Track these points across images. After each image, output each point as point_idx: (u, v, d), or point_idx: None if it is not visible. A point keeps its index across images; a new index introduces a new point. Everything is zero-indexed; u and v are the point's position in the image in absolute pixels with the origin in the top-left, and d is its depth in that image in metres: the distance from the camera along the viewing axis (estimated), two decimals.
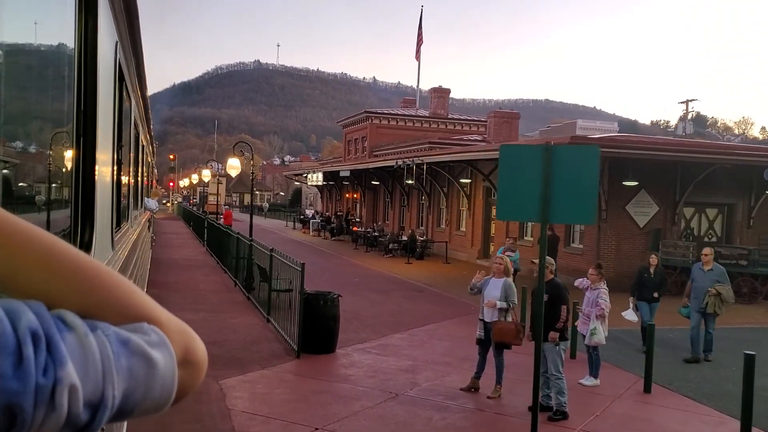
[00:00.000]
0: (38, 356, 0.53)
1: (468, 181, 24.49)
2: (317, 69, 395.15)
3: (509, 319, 7.94)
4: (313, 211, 52.25)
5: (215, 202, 47.31)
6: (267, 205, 76.50)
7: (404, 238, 28.14)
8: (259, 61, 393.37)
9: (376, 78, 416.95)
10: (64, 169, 2.41)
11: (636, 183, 18.19)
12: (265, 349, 10.08)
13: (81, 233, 2.44)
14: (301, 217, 48.16)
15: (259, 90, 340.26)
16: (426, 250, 27.31)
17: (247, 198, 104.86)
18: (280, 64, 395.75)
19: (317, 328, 9.90)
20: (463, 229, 27.86)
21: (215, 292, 15.93)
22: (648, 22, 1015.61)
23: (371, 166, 31.85)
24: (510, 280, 8.13)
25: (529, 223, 23.23)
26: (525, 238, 23.39)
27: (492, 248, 25.69)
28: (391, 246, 27.50)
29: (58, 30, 2.10)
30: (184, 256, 24.72)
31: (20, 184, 2.04)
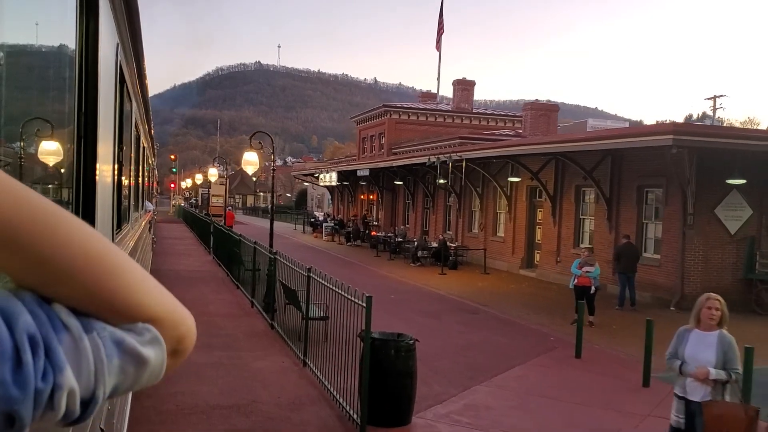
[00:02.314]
0: (36, 361, 0.53)
1: (516, 179, 21.31)
2: (318, 70, 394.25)
3: (728, 398, 4.89)
4: (323, 214, 49.19)
5: (220, 204, 44.42)
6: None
7: (434, 244, 25.09)
8: (260, 62, 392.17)
9: (377, 79, 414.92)
10: (64, 171, 2.39)
11: (744, 181, 15.09)
12: (312, 418, 7.02)
13: None
14: (312, 219, 44.93)
15: (260, 91, 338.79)
16: (459, 258, 24.25)
17: (249, 200, 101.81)
18: (281, 65, 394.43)
19: (386, 388, 6.85)
20: (501, 234, 24.78)
21: (229, 316, 12.87)
22: (647, 24, 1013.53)
23: (397, 163, 28.62)
24: (727, 333, 5.04)
25: (588, 227, 20.16)
26: (580, 246, 20.30)
27: (537, 257, 22.65)
28: (420, 254, 24.42)
29: (59, 31, 2.12)
30: (189, 266, 21.66)
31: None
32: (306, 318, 9.41)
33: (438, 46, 40.44)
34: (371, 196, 38.54)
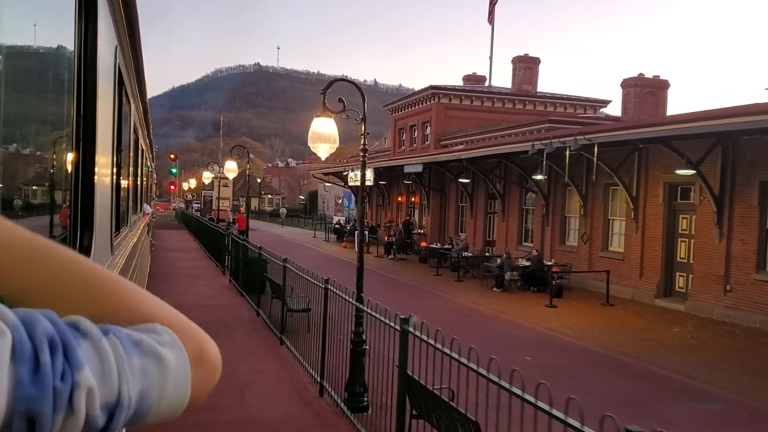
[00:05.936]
0: (55, 362, 0.54)
1: (690, 172, 14.78)
2: (318, 72, 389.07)
3: None
4: (345, 218, 42.95)
5: (226, 207, 38.36)
6: (284, 210, 66.57)
7: (524, 262, 18.82)
8: (259, 63, 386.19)
9: (377, 80, 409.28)
10: (63, 173, 2.38)
11: None
12: None
13: (80, 238, 2.41)
14: (336, 226, 38.47)
15: (259, 93, 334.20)
16: (562, 281, 17.98)
17: (254, 202, 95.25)
18: (281, 66, 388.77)
19: None
20: (617, 248, 18.49)
21: (287, 422, 6.58)
22: (649, 24, 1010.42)
23: (470, 155, 21.73)
24: None
25: None
26: (766, 269, 14.01)
27: (681, 281, 16.39)
28: (508, 276, 18.13)
29: (58, 34, 2.10)
30: (199, 297, 15.36)
31: (19, 188, 1.99)
32: None
33: (490, 19, 34.08)
34: (412, 198, 32.18)
